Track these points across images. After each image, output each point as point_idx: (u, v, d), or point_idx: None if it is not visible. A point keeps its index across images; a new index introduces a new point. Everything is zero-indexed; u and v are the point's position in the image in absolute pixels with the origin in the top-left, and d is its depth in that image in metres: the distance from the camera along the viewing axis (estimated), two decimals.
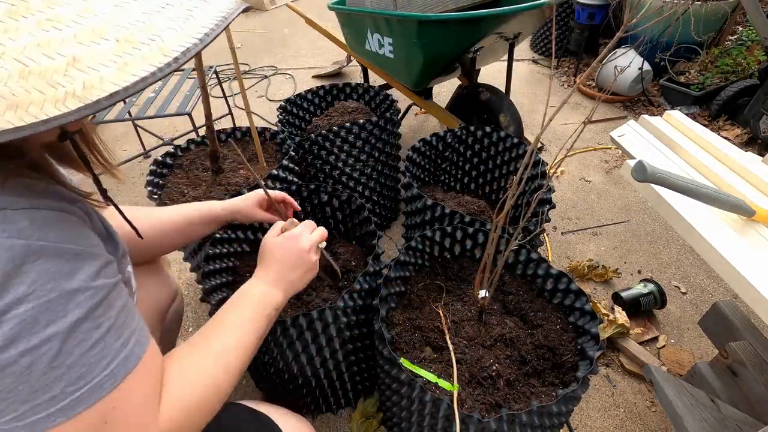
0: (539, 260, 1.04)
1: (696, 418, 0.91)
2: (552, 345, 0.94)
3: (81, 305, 0.40)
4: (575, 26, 2.78)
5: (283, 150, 1.49)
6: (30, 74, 0.33)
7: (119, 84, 0.35)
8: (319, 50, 3.60)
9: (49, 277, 0.38)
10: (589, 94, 2.74)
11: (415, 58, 1.62)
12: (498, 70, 3.04)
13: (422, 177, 1.59)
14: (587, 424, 1.21)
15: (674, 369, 1.31)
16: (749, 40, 2.48)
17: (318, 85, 1.82)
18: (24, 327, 0.36)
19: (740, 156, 1.08)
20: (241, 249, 1.19)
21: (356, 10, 1.75)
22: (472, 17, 1.43)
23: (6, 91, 0.32)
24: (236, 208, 0.96)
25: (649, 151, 1.15)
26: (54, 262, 0.38)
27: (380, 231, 1.59)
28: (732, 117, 2.30)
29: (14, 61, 0.33)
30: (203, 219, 0.95)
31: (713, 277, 1.60)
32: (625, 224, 1.85)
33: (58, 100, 0.33)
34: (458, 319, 0.99)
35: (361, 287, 0.98)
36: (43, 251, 0.38)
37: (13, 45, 0.33)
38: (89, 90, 0.34)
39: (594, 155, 2.27)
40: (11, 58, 0.33)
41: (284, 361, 1.02)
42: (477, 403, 0.85)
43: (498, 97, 1.84)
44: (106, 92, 0.34)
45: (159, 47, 0.38)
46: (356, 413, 1.21)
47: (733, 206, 0.86)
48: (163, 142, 2.48)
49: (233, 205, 0.96)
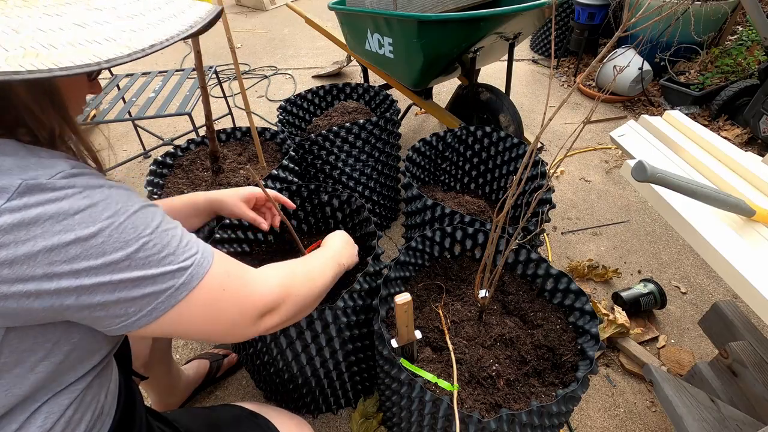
0: (539, 260, 1.04)
1: (696, 418, 0.91)
2: (552, 345, 0.94)
3: (156, 213, 0.50)
4: (575, 26, 2.78)
5: (283, 150, 1.49)
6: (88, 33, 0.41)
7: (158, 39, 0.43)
8: (319, 50, 3.60)
9: (125, 197, 0.47)
10: (589, 94, 2.74)
11: (415, 58, 1.62)
12: (498, 70, 3.04)
13: (422, 177, 1.59)
14: (587, 424, 1.21)
15: (674, 369, 1.31)
16: (749, 40, 2.48)
17: (318, 85, 1.82)
18: (123, 234, 0.45)
19: (740, 156, 1.08)
20: (241, 249, 1.19)
21: (356, 10, 1.75)
22: (472, 17, 1.42)
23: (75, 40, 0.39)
24: (219, 200, 0.93)
25: (649, 151, 1.15)
26: (122, 190, 0.48)
27: (380, 231, 1.59)
28: (732, 117, 2.30)
29: (76, 26, 0.40)
30: (189, 210, 0.92)
31: (713, 277, 1.60)
32: (625, 224, 1.85)
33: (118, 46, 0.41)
34: (458, 319, 0.99)
35: (361, 287, 0.98)
36: (111, 185, 0.47)
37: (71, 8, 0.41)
38: (134, 42, 0.42)
39: (594, 155, 2.27)
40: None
41: (284, 361, 1.02)
42: (477, 403, 0.85)
43: (498, 97, 1.84)
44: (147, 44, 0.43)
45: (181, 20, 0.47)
46: (356, 413, 1.21)
47: (733, 206, 0.86)
48: (163, 142, 2.48)
49: (216, 196, 0.93)
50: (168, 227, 0.50)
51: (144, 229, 0.47)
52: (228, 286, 0.54)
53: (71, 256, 0.42)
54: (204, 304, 0.51)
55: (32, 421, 0.49)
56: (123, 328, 0.48)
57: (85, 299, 0.44)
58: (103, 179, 0.47)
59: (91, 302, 0.44)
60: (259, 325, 0.58)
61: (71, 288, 0.43)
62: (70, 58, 0.38)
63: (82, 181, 0.44)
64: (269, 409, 0.79)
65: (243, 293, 0.56)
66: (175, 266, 0.49)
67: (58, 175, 0.43)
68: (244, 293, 0.56)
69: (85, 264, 0.43)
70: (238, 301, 0.55)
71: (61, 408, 0.52)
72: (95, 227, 0.43)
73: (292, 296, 0.63)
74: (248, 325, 0.57)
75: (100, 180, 0.47)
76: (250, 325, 0.57)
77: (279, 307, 0.61)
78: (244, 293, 0.56)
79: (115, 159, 2.40)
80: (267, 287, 0.60)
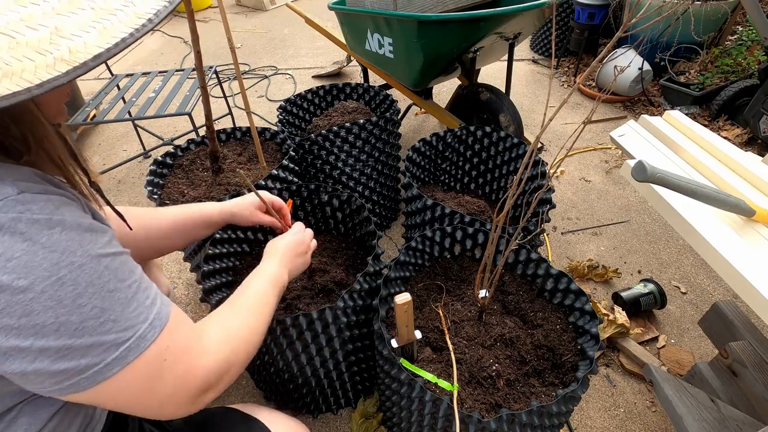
0: (539, 260, 1.04)
1: (696, 418, 0.91)
2: (552, 345, 0.94)
3: (109, 268, 0.44)
4: (575, 26, 2.78)
5: (283, 150, 1.49)
6: (18, 45, 0.35)
7: (102, 46, 0.38)
8: (319, 50, 3.59)
9: (75, 244, 0.41)
10: (589, 94, 2.74)
11: (415, 58, 1.62)
12: (498, 70, 3.04)
13: (422, 177, 1.59)
14: (587, 424, 1.21)
15: (674, 369, 1.31)
16: (749, 40, 2.48)
17: (318, 85, 1.82)
18: (58, 291, 0.39)
19: (740, 156, 1.08)
20: (241, 249, 1.19)
21: (356, 10, 1.75)
22: (472, 17, 1.42)
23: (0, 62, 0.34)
24: (233, 212, 0.95)
25: (649, 151, 1.15)
26: (76, 233, 0.42)
27: (380, 231, 1.59)
28: (732, 117, 2.30)
29: (2, 35, 0.35)
30: (203, 222, 0.94)
31: (713, 277, 1.60)
32: (625, 224, 1.85)
33: (49, 65, 0.36)
34: (458, 319, 0.99)
35: (361, 287, 0.98)
36: (64, 223, 0.41)
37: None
38: (75, 54, 0.37)
39: (594, 155, 2.27)
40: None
41: (284, 361, 1.02)
42: (477, 403, 0.85)
43: (498, 97, 1.84)
44: (91, 54, 0.37)
45: (134, 12, 0.41)
46: (356, 413, 1.21)
47: (733, 206, 0.86)
48: (163, 142, 2.48)
49: (230, 208, 0.95)
50: (117, 286, 0.44)
51: (86, 288, 0.41)
52: (170, 358, 0.48)
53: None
54: (137, 381, 0.45)
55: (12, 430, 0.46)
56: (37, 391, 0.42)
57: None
58: (59, 210, 0.41)
59: (4, 370, 0.39)
60: (198, 402, 0.53)
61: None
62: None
63: (27, 215, 0.39)
64: (265, 411, 0.78)
65: (185, 370, 0.50)
66: (111, 336, 0.42)
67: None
68: (186, 370, 0.50)
69: (6, 321, 0.37)
70: (178, 380, 0.49)
71: (44, 419, 0.49)
72: (27, 280, 0.38)
73: (234, 367, 0.58)
74: (187, 403, 0.51)
75: (53, 213, 0.41)
76: (189, 404, 0.52)
77: (219, 382, 0.55)
78: (186, 370, 0.50)
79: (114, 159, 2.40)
80: (212, 360, 0.54)
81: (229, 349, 0.58)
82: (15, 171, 0.42)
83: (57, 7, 0.38)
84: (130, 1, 0.42)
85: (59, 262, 0.39)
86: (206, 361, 0.53)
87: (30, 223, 0.39)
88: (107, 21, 0.39)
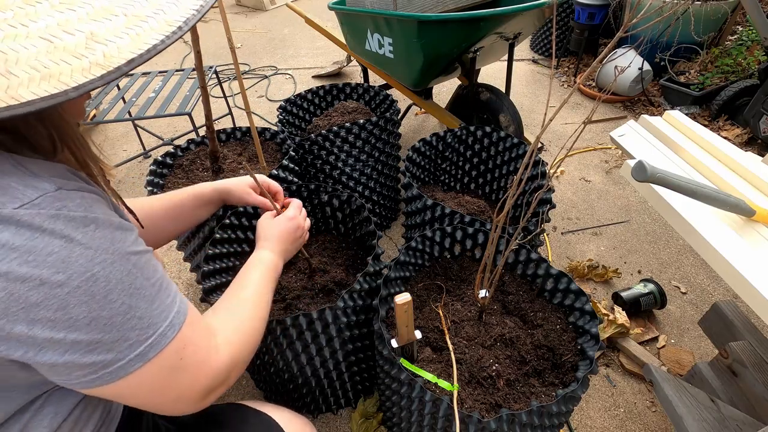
0: (539, 260, 1.04)
1: (696, 418, 0.91)
2: (552, 345, 0.94)
3: (137, 265, 0.45)
4: (575, 26, 2.78)
5: (283, 150, 1.49)
6: (56, 49, 0.37)
7: (135, 52, 0.40)
8: (319, 50, 3.59)
9: (108, 242, 0.43)
10: (589, 94, 2.74)
11: (415, 58, 1.62)
12: (498, 70, 3.04)
13: (422, 177, 1.59)
14: (587, 424, 1.21)
15: (674, 369, 1.31)
16: (749, 40, 2.48)
17: (318, 85, 1.82)
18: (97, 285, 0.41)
19: (740, 156, 1.08)
20: (241, 249, 1.19)
21: (356, 10, 1.75)
22: (472, 17, 1.42)
23: (39, 65, 0.36)
24: (227, 189, 0.95)
25: (649, 151, 1.15)
26: (108, 230, 0.44)
27: (380, 231, 1.59)
28: (732, 117, 2.30)
29: (40, 39, 0.37)
30: (195, 201, 0.93)
31: (713, 277, 1.60)
32: (625, 224, 1.85)
33: (84, 69, 0.37)
34: (458, 319, 0.99)
35: (361, 287, 0.98)
36: (97, 221, 0.43)
37: (36, 26, 0.37)
38: (110, 59, 0.39)
39: (594, 155, 2.27)
40: (37, 36, 0.37)
41: (284, 361, 1.02)
42: (477, 403, 0.85)
43: (498, 97, 1.84)
44: (124, 59, 0.39)
45: (164, 19, 0.43)
46: (356, 413, 1.21)
47: (733, 206, 0.86)
48: (163, 142, 2.48)
49: (224, 185, 0.95)
50: (143, 284, 0.45)
51: (116, 284, 0.42)
52: (186, 356, 0.49)
53: (31, 302, 0.38)
54: (156, 377, 0.47)
55: (39, 419, 0.48)
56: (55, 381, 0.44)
57: (32, 356, 0.40)
58: (92, 208, 0.43)
59: (36, 360, 0.40)
60: (209, 398, 0.55)
61: (23, 336, 0.38)
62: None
63: (65, 212, 0.40)
64: (273, 407, 0.79)
65: (199, 367, 0.52)
66: (135, 333, 0.44)
67: (37, 199, 0.39)
68: (200, 367, 0.52)
69: (43, 314, 0.39)
70: (192, 377, 0.51)
71: (68, 408, 0.51)
72: (65, 275, 0.39)
73: (242, 362, 0.60)
74: (199, 399, 0.53)
75: (87, 211, 0.42)
76: (201, 399, 0.53)
77: (229, 377, 0.57)
78: (200, 367, 0.52)
79: (115, 159, 2.40)
80: (222, 357, 0.56)
81: (237, 345, 0.60)
82: (50, 167, 0.43)
83: (91, 13, 0.40)
84: (160, 8, 0.43)
85: (93, 258, 0.41)
86: (217, 357, 0.55)
87: (67, 220, 0.40)
88: (139, 28, 0.41)
